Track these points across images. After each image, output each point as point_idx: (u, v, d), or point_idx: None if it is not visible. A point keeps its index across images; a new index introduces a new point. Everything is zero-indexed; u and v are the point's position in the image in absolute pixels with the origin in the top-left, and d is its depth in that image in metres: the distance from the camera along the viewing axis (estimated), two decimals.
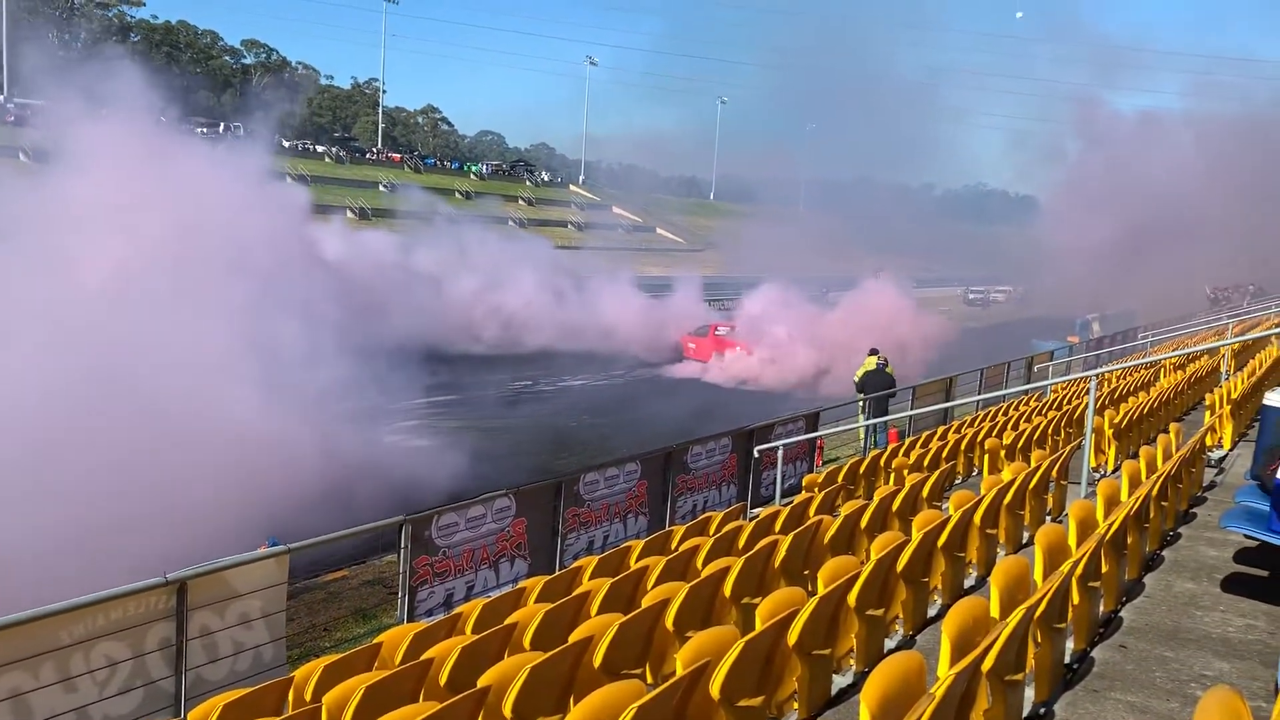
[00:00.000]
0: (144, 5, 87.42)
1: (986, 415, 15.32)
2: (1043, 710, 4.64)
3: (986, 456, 11.32)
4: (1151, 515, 7.03)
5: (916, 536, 6.10)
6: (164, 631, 6.78)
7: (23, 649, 6.02)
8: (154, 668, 6.75)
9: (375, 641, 5.98)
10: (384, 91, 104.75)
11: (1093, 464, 10.54)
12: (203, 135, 45.92)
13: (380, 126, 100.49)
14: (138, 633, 6.63)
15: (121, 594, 6.48)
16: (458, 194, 79.23)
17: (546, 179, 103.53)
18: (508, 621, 5.66)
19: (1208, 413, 12.95)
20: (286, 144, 73.38)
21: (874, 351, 19.44)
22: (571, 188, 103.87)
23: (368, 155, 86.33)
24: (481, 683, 4.51)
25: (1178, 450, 8.83)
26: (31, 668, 6.08)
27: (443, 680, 4.92)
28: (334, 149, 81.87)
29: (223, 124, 66.78)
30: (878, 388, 18.30)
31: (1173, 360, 19.50)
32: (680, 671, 4.06)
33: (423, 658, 5.13)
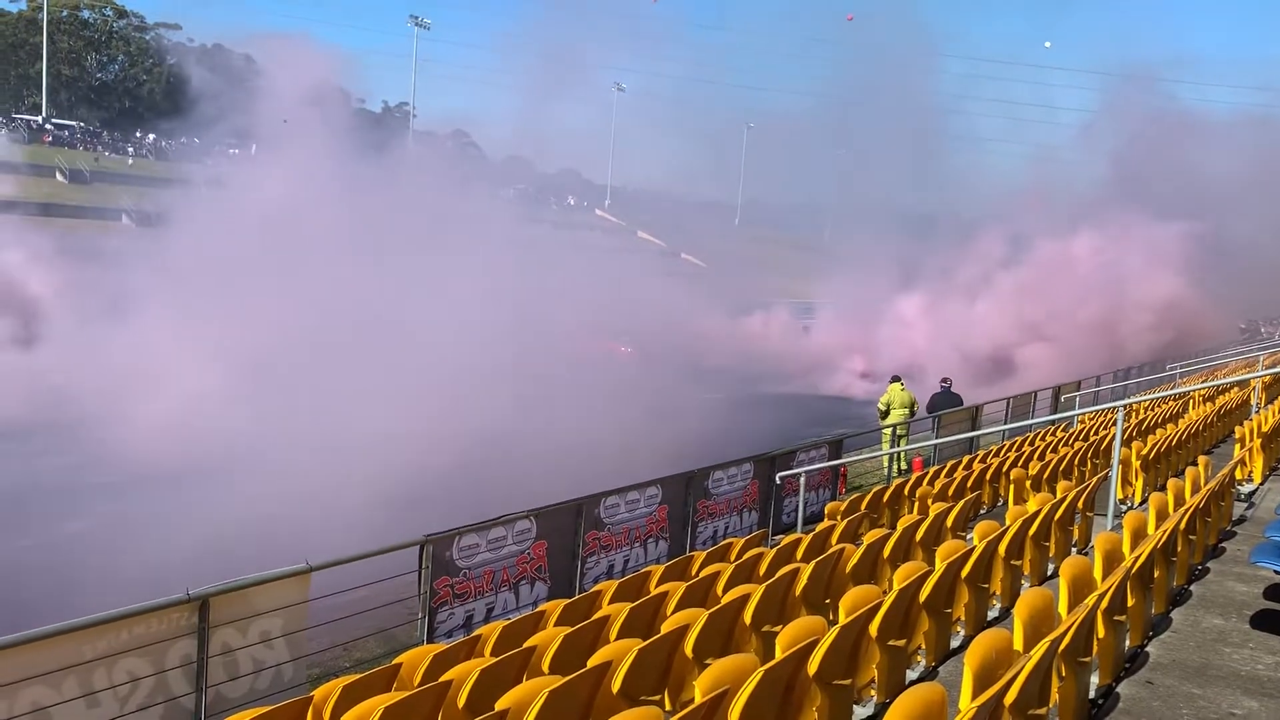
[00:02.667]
0: (180, 29, 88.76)
1: (1013, 445, 15.21)
2: None
3: (1012, 487, 11.22)
4: (1179, 549, 6.94)
5: (940, 567, 6.05)
6: (186, 648, 6.81)
7: (47, 663, 6.07)
8: (175, 684, 6.78)
9: (395, 662, 5.98)
10: (414, 115, 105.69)
11: (1119, 496, 10.42)
12: (234, 156, 46.62)
13: (411, 148, 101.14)
14: (160, 649, 6.66)
15: (144, 610, 6.52)
16: None
17: (572, 203, 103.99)
18: (527, 644, 5.65)
19: (1237, 446, 12.80)
20: None
21: (896, 378, 19.37)
22: (598, 212, 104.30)
23: None
24: (500, 705, 4.50)
25: (1206, 483, 8.72)
26: (54, 682, 6.12)
27: (461, 702, 4.91)
28: None
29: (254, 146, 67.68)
30: (945, 408, 18.85)
31: (1202, 392, 19.29)
32: (699, 699, 4.04)
33: (442, 679, 5.12)
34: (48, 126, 67.75)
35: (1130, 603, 5.63)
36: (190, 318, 20.28)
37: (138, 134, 77.10)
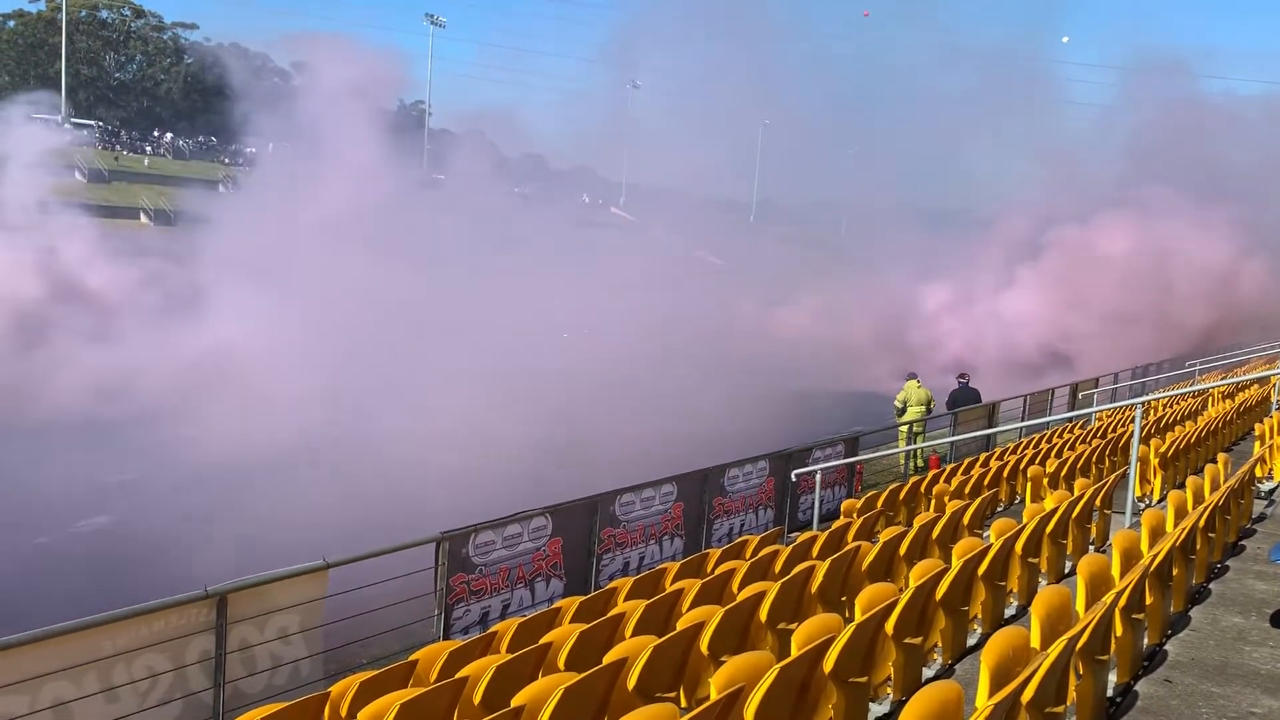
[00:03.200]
0: (197, 28, 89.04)
1: (1030, 442, 15.14)
2: None
3: (1029, 484, 11.16)
4: (1198, 547, 6.89)
5: (956, 564, 6.03)
6: (204, 644, 6.86)
7: (67, 658, 6.12)
8: (194, 680, 6.83)
9: (411, 659, 6.00)
10: (430, 114, 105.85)
11: (1138, 493, 10.36)
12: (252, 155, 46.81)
13: (426, 148, 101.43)
14: (179, 644, 6.71)
15: (163, 606, 6.57)
16: None
17: (586, 200, 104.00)
18: (542, 641, 5.67)
19: (1257, 443, 12.70)
20: None
21: (912, 375, 19.30)
22: (613, 209, 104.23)
23: None
24: (515, 702, 4.51)
25: (1226, 481, 8.65)
26: (75, 677, 6.18)
27: (477, 699, 4.93)
28: None
29: (271, 145, 68.05)
30: (967, 404, 18.98)
31: (1221, 389, 19.15)
32: (714, 696, 4.04)
33: (457, 676, 5.14)
34: (66, 126, 68.19)
35: (1149, 601, 5.60)
36: (268, 313, 21.06)
37: (155, 133, 77.59)
